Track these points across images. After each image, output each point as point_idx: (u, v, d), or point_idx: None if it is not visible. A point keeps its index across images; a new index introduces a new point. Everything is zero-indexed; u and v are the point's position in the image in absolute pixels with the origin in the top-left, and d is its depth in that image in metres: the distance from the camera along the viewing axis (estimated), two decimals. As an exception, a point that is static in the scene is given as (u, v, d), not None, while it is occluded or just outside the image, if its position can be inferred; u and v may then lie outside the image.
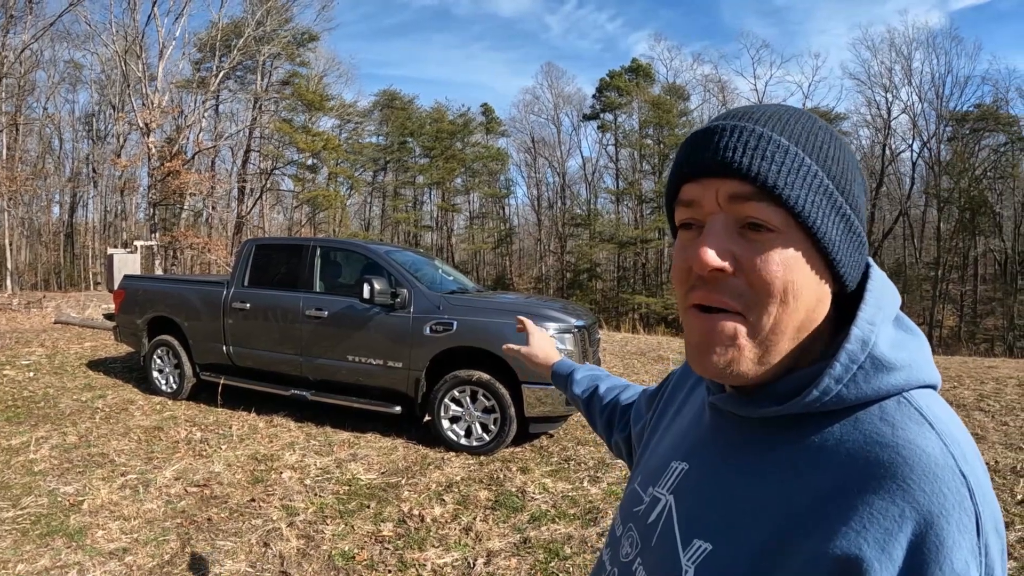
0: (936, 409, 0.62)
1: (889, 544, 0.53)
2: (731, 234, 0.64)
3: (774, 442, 0.67)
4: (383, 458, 5.15)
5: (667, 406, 0.97)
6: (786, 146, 0.63)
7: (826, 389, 0.62)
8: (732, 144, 0.63)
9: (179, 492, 4.38)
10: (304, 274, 6.20)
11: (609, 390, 1.30)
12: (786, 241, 0.63)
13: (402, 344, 5.53)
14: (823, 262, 0.65)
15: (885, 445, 0.58)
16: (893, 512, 0.54)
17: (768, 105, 0.69)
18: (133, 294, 7.50)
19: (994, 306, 36.94)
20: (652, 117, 40.05)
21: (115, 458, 5.04)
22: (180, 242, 25.21)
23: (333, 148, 36.36)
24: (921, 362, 0.65)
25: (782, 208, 0.63)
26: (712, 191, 0.65)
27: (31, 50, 28.21)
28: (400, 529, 3.86)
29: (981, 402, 6.76)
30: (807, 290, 0.64)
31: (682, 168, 0.68)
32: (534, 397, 5.10)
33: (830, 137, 0.67)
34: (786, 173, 0.62)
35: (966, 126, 35.88)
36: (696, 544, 0.67)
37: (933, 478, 0.55)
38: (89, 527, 3.81)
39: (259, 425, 5.99)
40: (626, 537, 0.81)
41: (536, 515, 4.05)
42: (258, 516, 4.02)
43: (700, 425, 0.80)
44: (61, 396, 7.02)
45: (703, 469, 0.74)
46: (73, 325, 13.01)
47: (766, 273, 0.62)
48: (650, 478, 0.83)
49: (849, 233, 0.66)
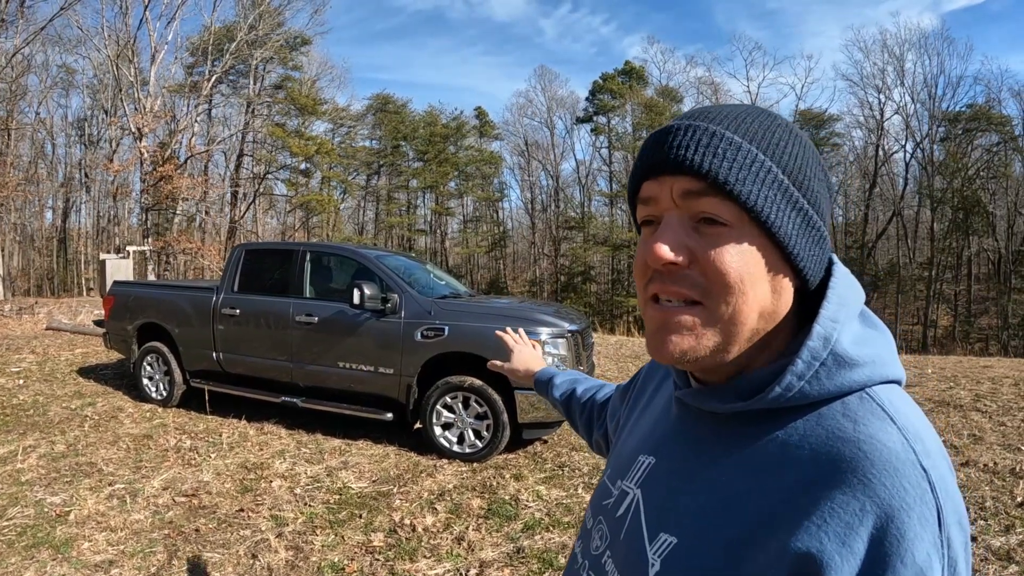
0: (899, 404, 0.63)
1: (850, 538, 0.54)
2: (686, 229, 0.66)
3: (739, 437, 0.67)
4: (374, 466, 5.09)
5: (637, 400, 0.99)
6: (738, 143, 0.65)
7: (789, 385, 0.63)
8: (685, 142, 0.65)
9: (167, 502, 4.32)
10: (294, 279, 6.13)
11: (586, 390, 1.33)
12: (739, 235, 0.64)
13: (393, 350, 5.47)
14: (780, 255, 0.66)
15: (847, 440, 0.59)
16: (854, 506, 0.55)
17: (728, 105, 0.71)
18: (123, 300, 7.42)
19: (988, 305, 37.11)
20: (645, 119, 40.07)
21: (103, 467, 4.97)
22: (173, 247, 25.07)
23: (326, 152, 36.34)
24: (885, 358, 0.66)
25: (734, 203, 0.64)
26: (667, 188, 0.66)
27: (23, 54, 28.05)
28: (391, 539, 3.80)
29: (978, 402, 6.71)
30: (763, 281, 0.65)
31: (641, 167, 0.70)
32: (527, 403, 5.04)
33: (789, 134, 0.68)
34: (737, 169, 0.64)
35: (959, 126, 36.10)
36: (662, 538, 0.68)
37: (893, 472, 0.55)
38: (75, 538, 3.75)
39: (249, 433, 5.92)
40: (596, 530, 0.83)
41: (530, 523, 4.00)
42: (247, 526, 3.96)
43: (667, 419, 0.82)
44: (50, 404, 6.95)
45: (670, 463, 0.75)
46: (65, 331, 12.91)
47: (720, 264, 0.64)
48: (619, 471, 0.84)
49: (807, 227, 0.67)
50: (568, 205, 45.98)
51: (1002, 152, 36.43)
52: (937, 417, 6.13)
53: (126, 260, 17.91)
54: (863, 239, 39.08)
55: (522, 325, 5.29)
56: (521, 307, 6.10)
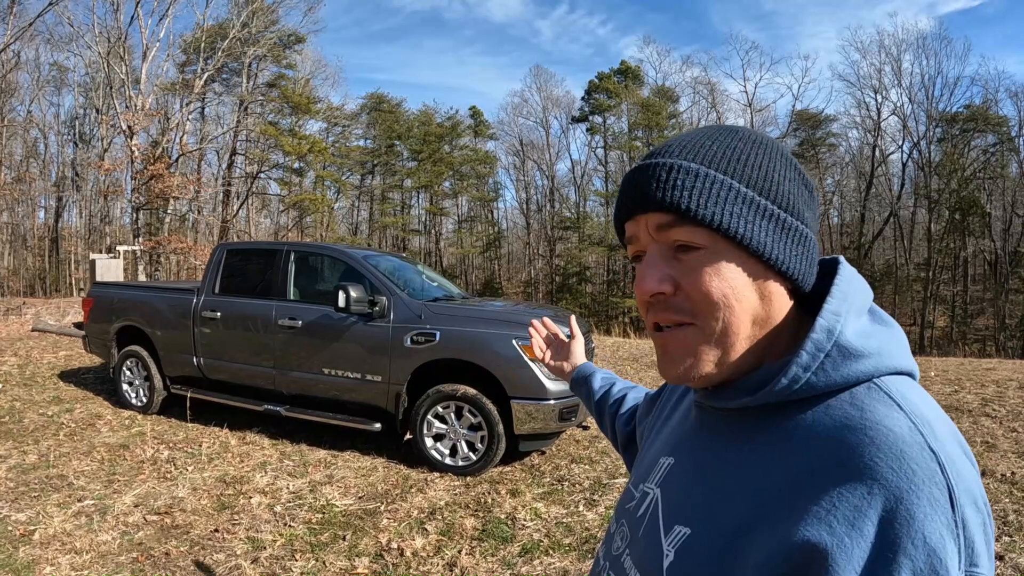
0: (906, 392, 0.62)
1: (859, 521, 0.53)
2: (667, 259, 0.69)
3: (752, 431, 0.68)
4: (361, 480, 4.80)
5: (662, 411, 0.99)
6: (695, 170, 0.67)
7: (795, 377, 0.63)
8: (648, 180, 0.68)
9: (138, 521, 4.03)
10: (277, 281, 5.84)
11: (621, 389, 1.33)
12: (715, 255, 0.66)
13: (381, 356, 5.18)
14: (761, 263, 0.67)
15: (853, 428, 0.58)
16: (861, 491, 0.54)
17: (689, 133, 0.73)
18: (102, 302, 7.13)
19: (985, 306, 37.10)
20: (641, 119, 39.90)
21: (74, 480, 4.69)
22: (164, 247, 24.72)
23: (320, 151, 35.99)
24: (892, 350, 0.66)
25: (703, 227, 0.66)
26: (643, 225, 0.70)
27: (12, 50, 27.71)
28: (376, 565, 3.51)
29: (986, 407, 6.55)
30: (748, 291, 0.66)
31: (619, 209, 0.74)
32: (524, 413, 4.77)
33: (750, 145, 0.70)
34: (696, 195, 0.65)
35: (956, 127, 36.06)
36: (677, 529, 0.69)
37: (900, 455, 0.54)
38: (37, 561, 3.49)
39: (231, 442, 5.63)
40: (618, 533, 0.83)
41: (528, 546, 3.71)
42: (220, 550, 3.67)
43: (687, 422, 0.83)
44: (27, 410, 6.67)
45: (686, 461, 0.76)
46: (50, 333, 12.61)
47: (701, 286, 0.66)
48: (641, 476, 0.85)
49: (781, 231, 0.68)
50: (563, 205, 45.79)
51: (999, 153, 36.45)
52: (948, 424, 5.92)
53: (116, 260, 17.59)
54: (860, 240, 38.98)
55: (519, 330, 5.06)
56: (517, 310, 5.79)
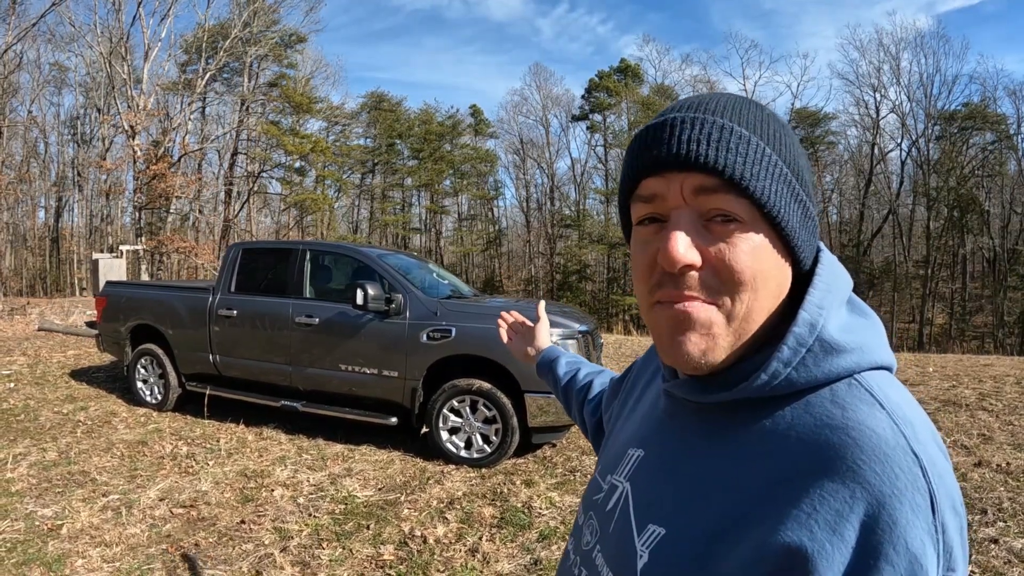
0: (888, 390, 0.61)
1: (840, 526, 0.52)
2: (697, 227, 0.63)
3: (727, 428, 0.66)
4: (379, 473, 4.91)
5: (629, 395, 0.97)
6: (747, 136, 0.63)
7: (775, 373, 0.61)
8: (695, 136, 0.62)
9: (164, 514, 4.13)
10: (293, 279, 5.94)
11: (587, 375, 1.33)
12: (752, 231, 0.63)
13: (397, 352, 5.29)
14: (784, 248, 0.65)
15: (835, 427, 0.57)
16: (844, 494, 0.53)
17: (717, 94, 0.68)
18: (115, 301, 7.22)
19: (983, 303, 37.20)
20: (641, 118, 39.87)
21: (96, 476, 4.78)
22: (166, 246, 24.75)
23: (321, 150, 35.99)
24: (873, 344, 0.65)
25: (746, 199, 0.62)
26: (677, 185, 0.63)
27: (14, 51, 27.72)
28: (402, 552, 3.62)
29: (983, 401, 6.66)
30: (773, 277, 0.64)
31: (641, 162, 0.66)
32: (536, 406, 4.88)
33: (779, 124, 0.67)
34: (751, 164, 0.62)
35: (954, 125, 36.10)
36: (650, 529, 0.67)
37: (883, 458, 0.54)
38: (68, 554, 3.56)
39: (248, 438, 5.73)
40: (587, 526, 0.81)
41: (545, 532, 3.83)
42: (249, 540, 3.77)
43: (656, 412, 0.80)
44: (42, 408, 6.75)
45: (658, 455, 0.74)
46: (57, 332, 12.68)
47: (736, 263, 0.62)
48: (609, 466, 0.83)
49: (805, 218, 0.66)
50: (563, 203, 45.83)
51: (997, 150, 36.46)
52: (945, 417, 6.13)
53: (119, 260, 17.67)
54: (859, 237, 39.05)
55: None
56: (529, 307, 5.91)
